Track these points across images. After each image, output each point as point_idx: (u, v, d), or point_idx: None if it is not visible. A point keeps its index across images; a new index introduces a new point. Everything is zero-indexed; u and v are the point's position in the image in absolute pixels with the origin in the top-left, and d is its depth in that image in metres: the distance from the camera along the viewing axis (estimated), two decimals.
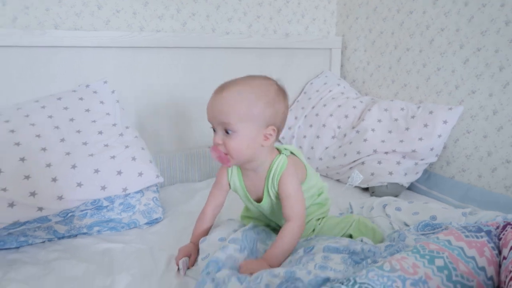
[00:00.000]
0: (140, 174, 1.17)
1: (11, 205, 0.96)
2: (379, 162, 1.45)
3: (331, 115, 1.66)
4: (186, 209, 1.30)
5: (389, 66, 1.68)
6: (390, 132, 1.49)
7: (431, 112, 1.43)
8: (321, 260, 0.77)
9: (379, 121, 1.52)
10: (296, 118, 1.76)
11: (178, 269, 0.91)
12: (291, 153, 0.96)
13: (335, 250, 0.80)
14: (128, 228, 1.16)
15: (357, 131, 1.54)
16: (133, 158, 1.18)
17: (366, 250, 0.81)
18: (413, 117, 1.47)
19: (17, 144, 1.04)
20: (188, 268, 0.92)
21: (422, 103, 1.51)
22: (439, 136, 1.40)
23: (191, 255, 0.95)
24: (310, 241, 0.91)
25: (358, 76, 1.84)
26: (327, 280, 0.70)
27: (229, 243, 0.88)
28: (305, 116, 1.73)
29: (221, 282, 0.77)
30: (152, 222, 1.19)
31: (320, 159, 1.64)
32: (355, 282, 0.60)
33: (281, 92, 0.90)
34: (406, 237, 0.91)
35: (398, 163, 1.43)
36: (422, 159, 1.43)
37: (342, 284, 0.60)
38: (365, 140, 1.50)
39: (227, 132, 0.84)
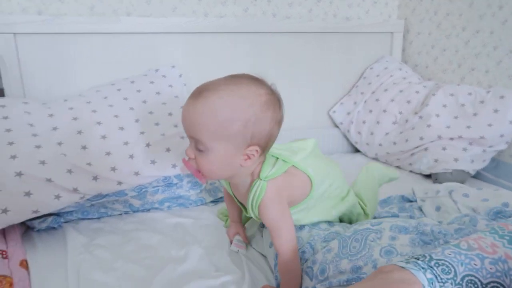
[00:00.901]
0: None
1: (95, 178, 1.04)
2: (444, 148, 1.41)
3: (392, 100, 1.63)
4: None
5: (455, 49, 1.62)
6: (456, 117, 1.44)
7: (502, 97, 1.37)
8: (388, 241, 0.77)
9: (444, 106, 1.48)
10: (355, 103, 1.74)
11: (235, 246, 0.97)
12: (286, 161, 0.81)
13: (403, 230, 0.80)
14: (196, 205, 1.22)
15: (420, 117, 1.51)
16: None
17: (436, 231, 0.80)
18: (482, 102, 1.41)
19: (99, 123, 1.12)
20: (246, 244, 0.97)
21: (492, 88, 1.44)
22: (511, 122, 1.33)
23: (239, 232, 0.99)
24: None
25: (421, 61, 1.78)
26: None
27: None
28: (365, 101, 1.71)
29: None
30: (217, 201, 1.25)
31: (380, 145, 1.62)
32: (431, 258, 0.61)
33: (271, 104, 0.72)
34: (477, 222, 0.89)
35: (464, 149, 1.38)
36: (490, 146, 1.37)
37: (418, 259, 0.61)
38: (428, 125, 1.46)
39: (199, 149, 0.72)
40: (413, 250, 0.74)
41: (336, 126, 1.81)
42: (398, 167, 1.57)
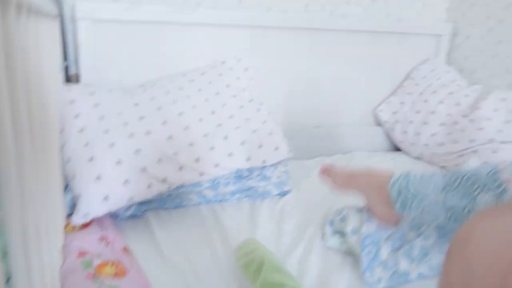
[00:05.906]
0: (277, 148, 1.25)
1: (181, 169, 1.07)
2: (494, 151, 1.46)
3: (441, 102, 1.67)
4: (307, 185, 1.38)
5: (506, 55, 1.65)
6: (507, 122, 1.48)
7: None
8: None
9: (496, 110, 1.52)
10: (402, 103, 1.78)
11: None
12: None
13: None
14: (262, 198, 1.25)
15: (471, 120, 1.55)
16: (270, 133, 1.26)
17: None
18: None
19: (180, 114, 1.14)
20: None
21: None
22: None
23: None
24: None
25: (468, 65, 1.82)
26: None
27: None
28: (412, 102, 1.75)
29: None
30: (282, 193, 1.28)
31: (426, 145, 1.66)
32: None
33: None
34: None
35: None
36: None
37: None
38: (480, 128, 1.50)
39: None
40: None
41: (379, 125, 1.85)
42: (443, 167, 1.62)
